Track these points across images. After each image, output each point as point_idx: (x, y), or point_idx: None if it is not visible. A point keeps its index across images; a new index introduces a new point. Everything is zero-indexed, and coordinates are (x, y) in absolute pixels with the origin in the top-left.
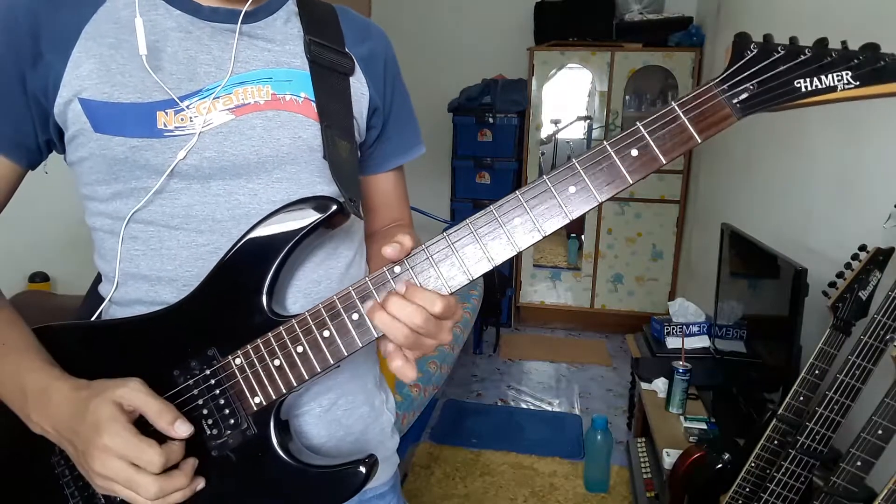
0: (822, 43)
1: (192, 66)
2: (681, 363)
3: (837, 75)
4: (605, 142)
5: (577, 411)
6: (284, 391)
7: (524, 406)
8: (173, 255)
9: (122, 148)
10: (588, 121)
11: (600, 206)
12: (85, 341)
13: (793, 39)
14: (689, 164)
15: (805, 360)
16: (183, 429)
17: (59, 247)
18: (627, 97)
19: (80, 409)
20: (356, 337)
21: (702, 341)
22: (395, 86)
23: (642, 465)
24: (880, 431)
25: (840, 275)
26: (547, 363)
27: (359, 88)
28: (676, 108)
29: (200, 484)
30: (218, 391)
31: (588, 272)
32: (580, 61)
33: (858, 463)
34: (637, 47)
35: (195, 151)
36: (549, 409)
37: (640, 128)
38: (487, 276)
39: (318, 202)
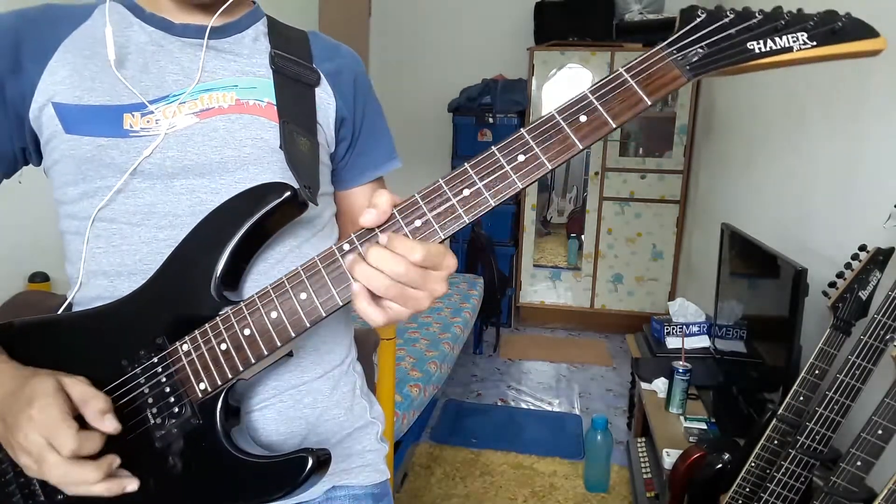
0: (776, 9)
1: (161, 75)
2: (681, 363)
3: (792, 36)
4: (552, 111)
5: (577, 411)
6: (230, 376)
7: (524, 406)
8: (134, 251)
9: (89, 147)
10: None
11: (599, 206)
12: (38, 336)
13: (745, 8)
14: (689, 164)
15: (805, 360)
16: (110, 423)
17: (59, 247)
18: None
19: (20, 385)
20: (318, 305)
21: (702, 341)
22: (366, 101)
23: (642, 465)
24: (880, 431)
25: (840, 275)
26: (547, 363)
27: (325, 98)
28: (623, 72)
29: (131, 485)
30: (164, 378)
31: (588, 272)
32: (580, 61)
33: (858, 463)
34: (637, 47)
35: (159, 151)
36: (549, 409)
37: (588, 94)
38: (487, 276)
39: (272, 188)
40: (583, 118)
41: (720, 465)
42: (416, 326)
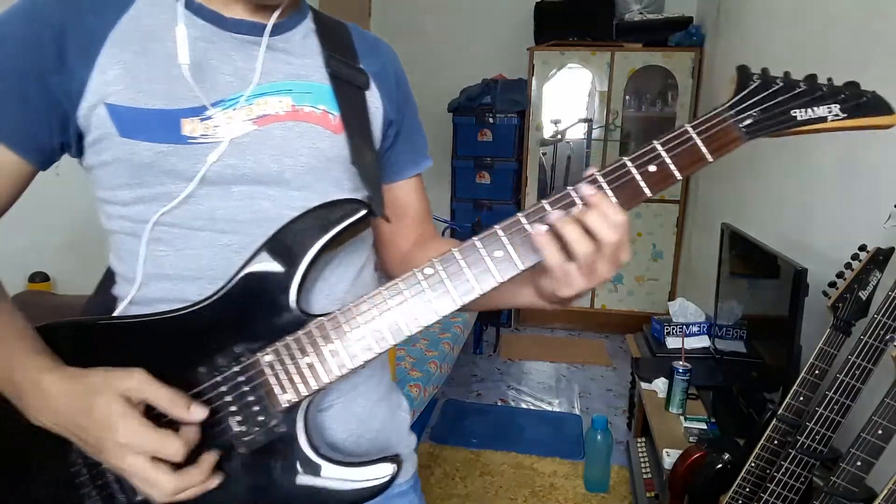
0: (812, 78)
1: (214, 76)
2: (681, 363)
3: (827, 107)
4: (623, 158)
5: (577, 411)
6: (315, 388)
7: (524, 406)
8: (198, 255)
9: (148, 153)
10: (588, 122)
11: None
12: (102, 338)
13: (787, 73)
14: None
15: (805, 360)
16: (198, 411)
17: (59, 247)
18: (627, 97)
19: (84, 405)
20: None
21: (702, 341)
22: (407, 99)
23: (642, 465)
24: (880, 431)
25: (840, 275)
26: (547, 363)
27: (373, 102)
28: (690, 129)
29: (215, 482)
30: (247, 388)
31: None
32: (580, 61)
33: (858, 463)
34: (637, 47)
35: (219, 159)
36: (549, 409)
37: (657, 146)
38: None
39: (348, 205)
40: (652, 168)
41: (720, 465)
42: None
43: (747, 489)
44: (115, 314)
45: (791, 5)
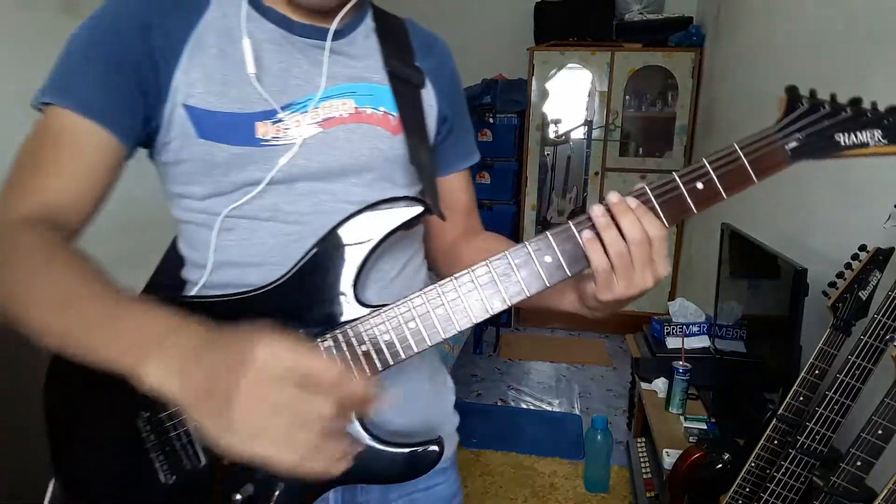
0: (857, 102)
1: (284, 79)
2: (681, 363)
3: (870, 133)
4: (674, 173)
5: (577, 411)
6: (369, 374)
7: (524, 406)
8: (262, 243)
9: (224, 154)
10: (588, 122)
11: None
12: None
13: (833, 96)
14: (689, 164)
15: (805, 360)
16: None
17: None
18: (627, 97)
19: (237, 346)
20: (459, 319)
21: (702, 341)
22: (459, 95)
23: (642, 465)
24: (880, 431)
25: (840, 275)
26: (547, 363)
27: (428, 101)
28: (738, 149)
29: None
30: None
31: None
32: (580, 61)
33: (858, 463)
34: (637, 47)
35: (289, 161)
36: (549, 409)
37: (706, 163)
38: None
39: (407, 202)
40: (699, 185)
41: (720, 465)
42: None
43: (747, 489)
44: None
45: (791, 5)
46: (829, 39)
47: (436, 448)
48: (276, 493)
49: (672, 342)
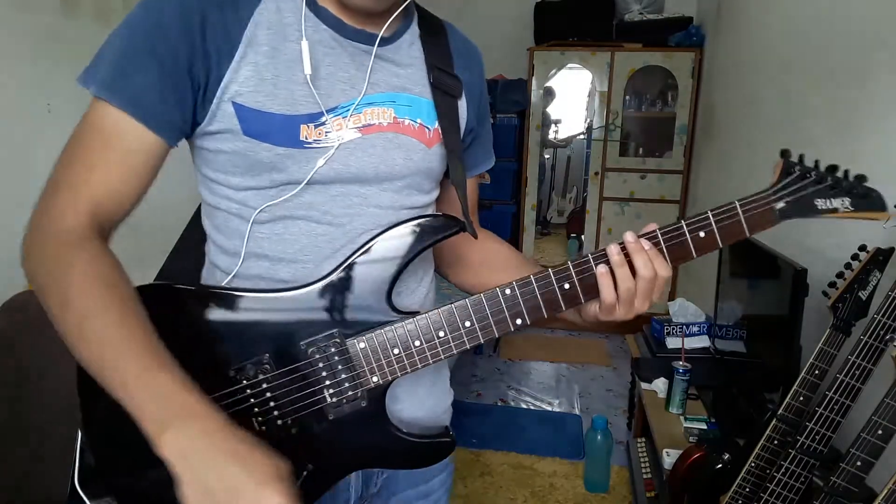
0: (834, 169)
1: (331, 83)
2: (681, 363)
3: (840, 200)
4: (682, 220)
5: (577, 411)
6: (399, 375)
7: (524, 406)
8: (294, 241)
9: (267, 154)
10: (588, 121)
11: (599, 207)
12: (218, 306)
13: (816, 163)
14: (689, 164)
15: (805, 360)
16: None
17: None
18: (627, 97)
19: (239, 447)
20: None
21: (702, 341)
22: (485, 105)
23: (642, 465)
24: (880, 431)
25: (840, 275)
26: (547, 363)
27: (462, 111)
28: (738, 206)
29: None
30: (340, 366)
31: None
32: (580, 61)
33: (858, 463)
34: (637, 47)
35: (326, 163)
36: (549, 409)
37: (710, 215)
38: None
39: (446, 220)
40: (702, 234)
41: (720, 465)
42: None
43: (747, 489)
44: (227, 281)
45: (791, 5)
46: (828, 39)
47: (448, 439)
48: (304, 473)
49: (672, 342)
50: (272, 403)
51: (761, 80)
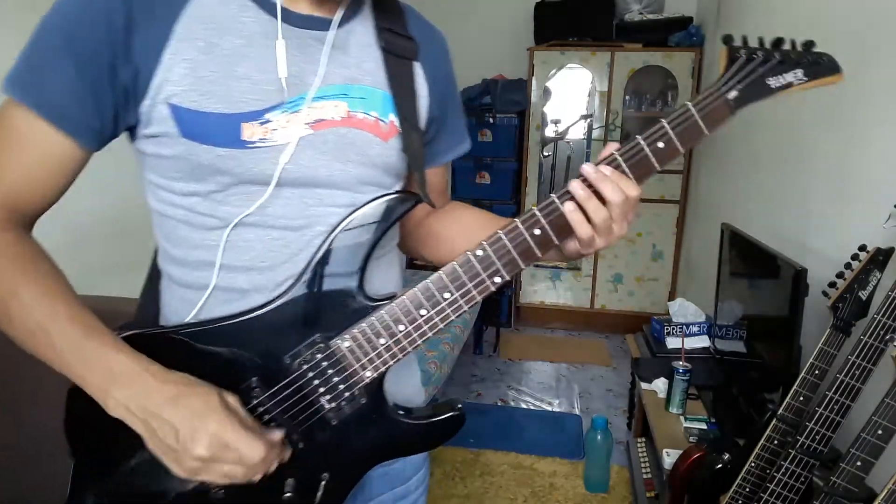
0: (780, 43)
1: (276, 76)
2: (681, 363)
3: (793, 73)
4: (638, 137)
5: (577, 411)
6: (391, 363)
7: (524, 406)
8: (249, 247)
9: (208, 155)
10: (588, 120)
11: None
12: (188, 345)
13: (760, 40)
14: (689, 164)
15: (805, 360)
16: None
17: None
18: (627, 97)
19: (184, 389)
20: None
21: (702, 341)
22: (452, 90)
23: (642, 465)
24: (880, 431)
25: (840, 275)
26: (547, 363)
27: (421, 81)
28: (691, 107)
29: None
30: (331, 371)
31: (588, 272)
32: (580, 61)
33: (858, 463)
34: (637, 47)
35: (274, 162)
36: (549, 409)
37: (665, 124)
38: None
39: (401, 196)
40: (660, 144)
41: (720, 465)
42: None
43: (747, 489)
44: (190, 316)
45: (790, 5)
46: (829, 39)
47: (458, 412)
48: (322, 483)
49: (672, 342)
50: (272, 425)
51: None
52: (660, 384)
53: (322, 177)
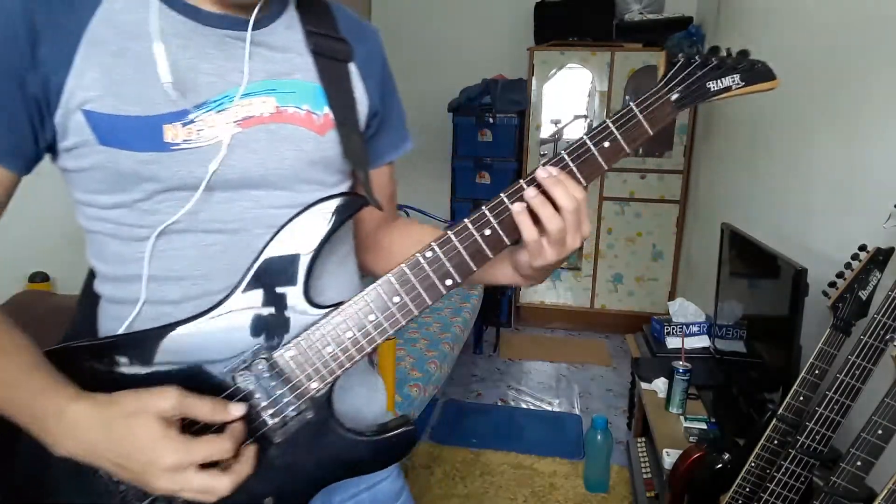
0: (716, 50)
1: (193, 76)
2: (681, 363)
3: (731, 77)
4: (584, 136)
5: (577, 411)
6: (339, 373)
7: (524, 406)
8: (181, 256)
9: (129, 161)
10: (588, 120)
11: (599, 206)
12: (119, 355)
13: (697, 48)
14: (689, 164)
15: (805, 360)
16: (237, 407)
17: (59, 247)
18: (627, 97)
19: (121, 432)
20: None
21: (702, 341)
22: (390, 84)
23: (642, 465)
24: (880, 431)
25: (840, 275)
26: (547, 363)
27: (357, 82)
28: (634, 107)
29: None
30: (274, 384)
31: (588, 272)
32: (580, 61)
33: (858, 463)
34: (637, 47)
35: (202, 164)
36: (549, 409)
37: (609, 124)
38: None
39: (345, 198)
40: (606, 144)
41: (720, 465)
42: (416, 326)
43: (747, 489)
44: (121, 327)
45: (790, 4)
46: (829, 38)
47: (412, 427)
48: None
49: (672, 342)
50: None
51: None
52: (660, 384)
53: (256, 176)
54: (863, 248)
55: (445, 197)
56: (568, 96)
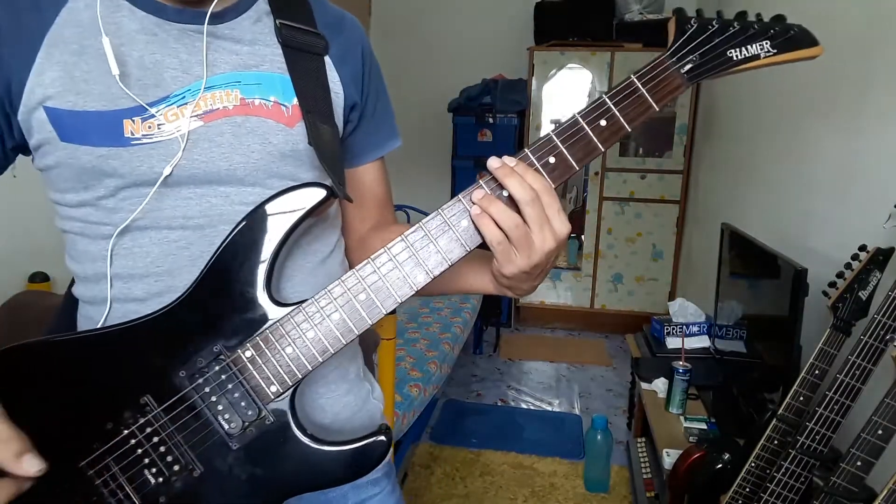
0: (743, 15)
1: (158, 71)
2: (681, 363)
3: (759, 45)
4: (576, 113)
5: (577, 411)
6: (300, 376)
7: (524, 406)
8: (145, 253)
9: (88, 157)
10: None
11: (599, 206)
12: (75, 355)
13: (719, 13)
14: (689, 164)
15: (805, 360)
16: (30, 464)
17: (59, 247)
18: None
19: None
20: (377, 304)
21: (702, 341)
22: (374, 78)
23: (642, 465)
24: (880, 431)
25: (840, 275)
26: (547, 363)
27: (333, 76)
28: (635, 80)
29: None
30: (231, 386)
31: (588, 272)
32: (580, 61)
33: (858, 463)
34: (637, 47)
35: (164, 159)
36: (549, 409)
37: (606, 99)
38: None
39: (308, 189)
40: (603, 122)
41: (720, 465)
42: (416, 326)
43: (747, 489)
44: (83, 325)
45: (791, 5)
46: (829, 38)
47: (382, 438)
48: None
49: (672, 342)
50: (162, 448)
51: (761, 79)
52: (660, 384)
53: (222, 171)
54: (863, 248)
55: (445, 197)
56: (568, 96)
